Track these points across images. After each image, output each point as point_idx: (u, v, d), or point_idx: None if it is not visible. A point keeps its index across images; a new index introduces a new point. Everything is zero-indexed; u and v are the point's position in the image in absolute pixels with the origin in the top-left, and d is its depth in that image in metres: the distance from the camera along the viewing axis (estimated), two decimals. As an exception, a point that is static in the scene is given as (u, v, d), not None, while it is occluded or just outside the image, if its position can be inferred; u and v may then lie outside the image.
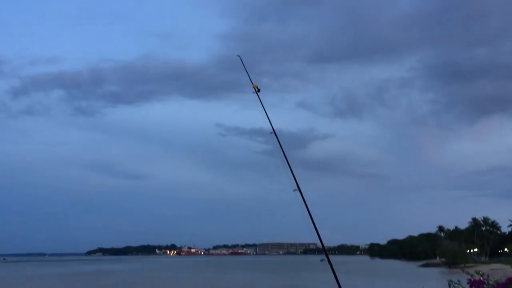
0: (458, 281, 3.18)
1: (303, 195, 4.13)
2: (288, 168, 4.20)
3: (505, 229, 75.39)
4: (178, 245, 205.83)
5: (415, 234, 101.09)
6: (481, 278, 3.11)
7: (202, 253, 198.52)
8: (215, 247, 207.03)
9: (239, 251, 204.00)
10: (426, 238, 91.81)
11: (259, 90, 4.74)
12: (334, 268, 3.79)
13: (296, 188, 4.21)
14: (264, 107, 4.66)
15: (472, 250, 70.20)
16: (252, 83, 4.72)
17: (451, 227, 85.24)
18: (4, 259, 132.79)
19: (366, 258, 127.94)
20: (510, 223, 72.03)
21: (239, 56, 4.88)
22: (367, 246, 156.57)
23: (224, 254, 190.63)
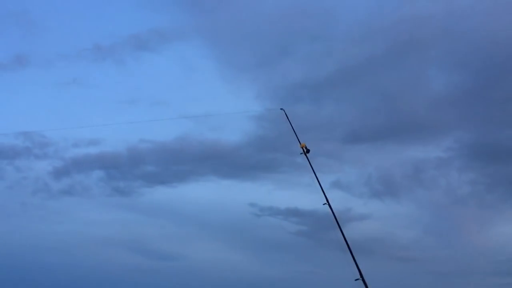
0: None
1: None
2: (350, 254, 3.64)
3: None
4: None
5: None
6: None
7: None
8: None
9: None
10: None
11: (308, 151, 4.28)
12: None
13: (359, 277, 3.62)
14: (314, 172, 4.19)
15: None
16: (299, 142, 4.27)
17: (503, 317, 78.52)
18: None
19: None
20: None
21: (283, 109, 4.49)
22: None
23: None
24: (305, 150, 4.30)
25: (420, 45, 40.73)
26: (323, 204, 3.60)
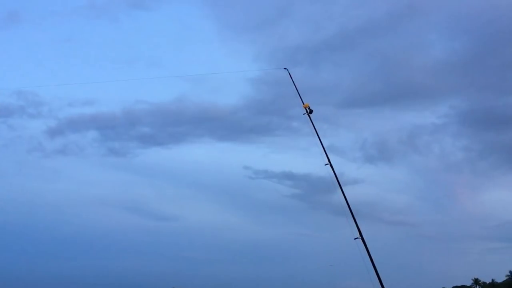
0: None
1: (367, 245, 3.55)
2: (350, 214, 3.64)
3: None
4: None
5: (449, 286, 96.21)
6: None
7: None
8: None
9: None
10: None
11: (311, 111, 4.21)
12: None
13: (359, 236, 3.64)
14: (317, 133, 4.13)
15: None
16: (303, 103, 4.20)
17: (488, 280, 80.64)
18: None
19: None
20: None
21: (287, 69, 4.41)
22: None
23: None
24: (308, 111, 4.23)
25: (421, 9, 40.22)
26: (325, 165, 3.57)
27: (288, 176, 50.31)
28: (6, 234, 37.23)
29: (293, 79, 4.46)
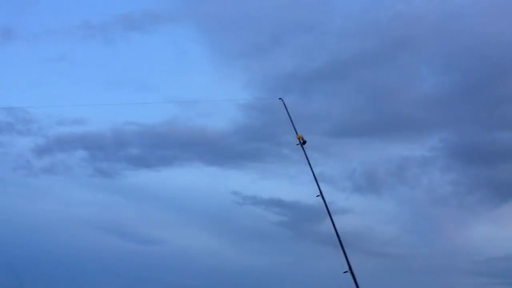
0: None
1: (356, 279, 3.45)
2: (339, 246, 3.55)
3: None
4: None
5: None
6: None
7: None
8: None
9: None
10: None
11: (304, 142, 4.16)
12: None
13: (348, 270, 3.55)
14: (310, 164, 4.07)
15: None
16: (296, 133, 4.16)
17: (474, 316, 79.90)
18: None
19: None
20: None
21: (281, 99, 4.37)
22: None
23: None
24: (301, 141, 4.17)
25: (412, 43, 40.77)
26: (316, 196, 3.52)
27: (276, 203, 50.05)
28: (-14, 253, 36.26)
29: (282, 110, 4.43)
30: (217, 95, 46.85)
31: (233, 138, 50.46)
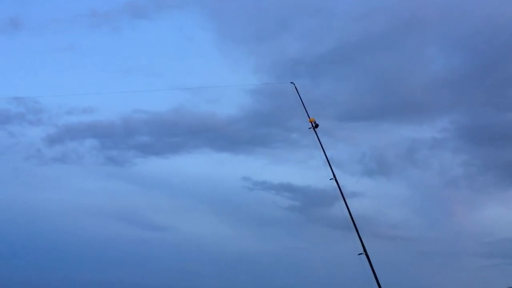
0: None
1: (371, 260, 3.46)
2: (353, 229, 3.56)
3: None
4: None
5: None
6: None
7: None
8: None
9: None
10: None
11: (316, 126, 4.15)
12: None
13: (363, 252, 3.56)
14: (323, 147, 4.07)
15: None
16: (309, 117, 4.15)
17: (485, 297, 79.97)
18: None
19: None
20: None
21: (293, 83, 4.35)
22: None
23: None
24: (314, 125, 4.17)
25: (420, 25, 40.23)
26: (330, 179, 3.52)
27: (286, 188, 50.15)
28: (1, 242, 36.79)
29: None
30: (224, 81, 46.69)
31: (242, 123, 50.33)
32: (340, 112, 46.53)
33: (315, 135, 4.05)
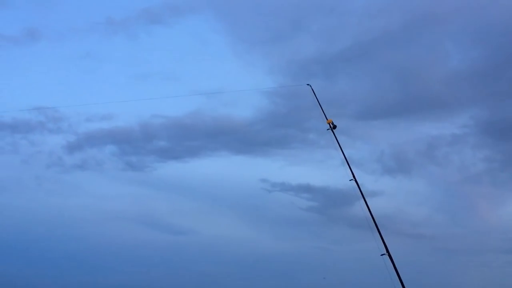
0: None
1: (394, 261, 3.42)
2: (374, 229, 3.52)
3: None
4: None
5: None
6: None
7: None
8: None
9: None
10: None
11: (334, 127, 4.12)
12: None
13: (385, 252, 3.51)
14: (340, 146, 4.04)
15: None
16: (326, 118, 4.12)
17: (511, 294, 78.54)
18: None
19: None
20: None
21: (309, 84, 4.33)
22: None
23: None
24: (332, 126, 4.14)
25: (437, 19, 39.76)
26: (350, 180, 3.49)
27: (305, 189, 50.04)
28: (25, 248, 37.46)
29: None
30: (240, 83, 46.82)
31: (259, 125, 50.39)
32: (357, 110, 46.24)
33: (333, 136, 4.01)
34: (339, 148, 3.91)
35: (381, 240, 3.46)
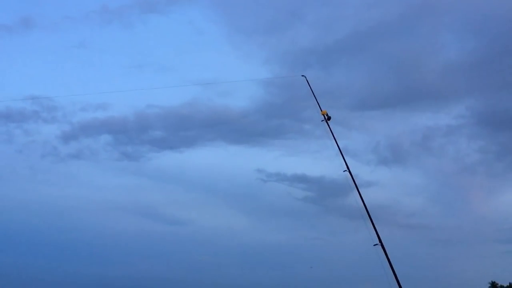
0: None
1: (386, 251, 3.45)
2: (367, 219, 3.55)
3: None
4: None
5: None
6: None
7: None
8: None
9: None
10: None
11: (329, 118, 4.14)
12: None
13: (378, 243, 3.55)
14: (335, 137, 4.05)
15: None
16: (321, 110, 4.14)
17: (505, 283, 79.47)
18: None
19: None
20: None
21: (304, 76, 4.34)
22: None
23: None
24: (326, 117, 4.16)
25: (433, 10, 39.81)
26: (343, 171, 3.52)
27: (300, 179, 50.35)
28: (21, 238, 37.63)
29: (310, 86, 4.40)
30: (236, 74, 46.82)
31: (255, 116, 50.53)
32: (353, 101, 46.34)
33: (328, 127, 4.03)
34: (334, 139, 3.92)
35: (374, 231, 3.50)
